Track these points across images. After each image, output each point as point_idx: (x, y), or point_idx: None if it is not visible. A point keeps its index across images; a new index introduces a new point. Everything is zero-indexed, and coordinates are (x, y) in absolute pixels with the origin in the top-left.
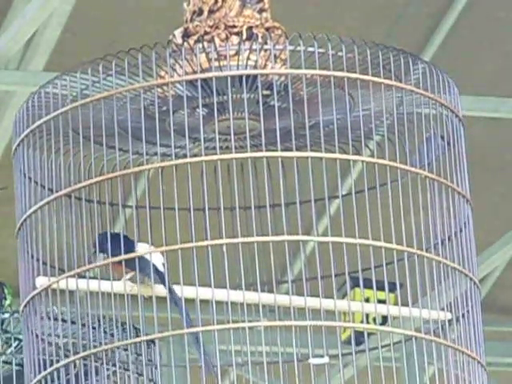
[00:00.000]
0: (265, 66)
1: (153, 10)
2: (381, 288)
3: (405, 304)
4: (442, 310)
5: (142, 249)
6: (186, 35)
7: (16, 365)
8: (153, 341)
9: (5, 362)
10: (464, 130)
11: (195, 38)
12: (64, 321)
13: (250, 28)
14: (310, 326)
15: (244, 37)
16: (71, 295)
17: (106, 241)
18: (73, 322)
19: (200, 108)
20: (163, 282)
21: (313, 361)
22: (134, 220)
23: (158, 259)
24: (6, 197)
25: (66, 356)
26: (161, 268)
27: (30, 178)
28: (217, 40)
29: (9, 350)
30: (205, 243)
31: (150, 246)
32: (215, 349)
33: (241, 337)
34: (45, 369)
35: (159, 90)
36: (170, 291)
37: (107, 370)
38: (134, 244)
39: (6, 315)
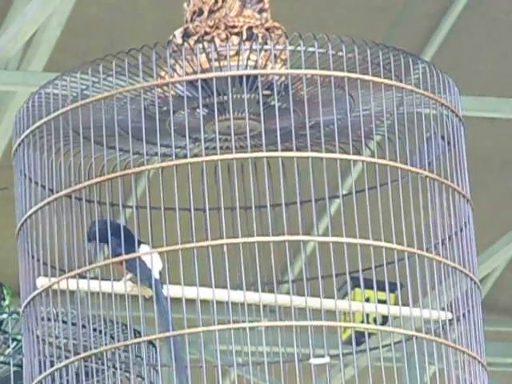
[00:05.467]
0: (265, 66)
1: (153, 10)
2: (381, 288)
3: (405, 304)
4: (443, 309)
5: (143, 251)
6: (186, 35)
7: (14, 365)
8: (152, 342)
9: (3, 363)
10: (464, 130)
11: (195, 38)
12: (64, 322)
13: (250, 28)
14: (310, 326)
15: (244, 37)
16: (71, 296)
17: (106, 231)
18: (73, 324)
19: (200, 108)
20: (154, 290)
21: (313, 361)
22: (134, 220)
23: (155, 265)
24: (6, 197)
25: (66, 357)
26: (156, 275)
27: (30, 179)
28: (217, 40)
29: (7, 351)
30: (205, 243)
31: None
32: (216, 349)
33: (241, 337)
34: (45, 370)
35: (159, 90)
36: (158, 302)
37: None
38: (134, 241)
39: (5, 316)
